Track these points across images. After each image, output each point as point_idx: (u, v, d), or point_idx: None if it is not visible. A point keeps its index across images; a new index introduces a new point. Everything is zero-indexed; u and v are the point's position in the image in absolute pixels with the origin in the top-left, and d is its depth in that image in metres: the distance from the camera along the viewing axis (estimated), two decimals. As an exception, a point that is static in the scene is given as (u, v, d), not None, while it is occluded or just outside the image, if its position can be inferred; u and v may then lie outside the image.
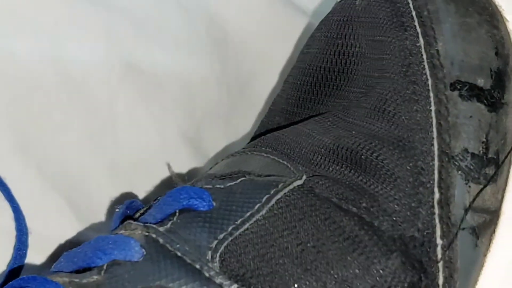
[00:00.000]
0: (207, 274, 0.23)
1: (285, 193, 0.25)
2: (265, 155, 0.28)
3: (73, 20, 0.32)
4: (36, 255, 0.29)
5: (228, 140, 0.36)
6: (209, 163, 0.35)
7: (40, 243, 0.30)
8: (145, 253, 0.24)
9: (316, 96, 0.31)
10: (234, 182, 0.26)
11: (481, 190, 0.25)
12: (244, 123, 0.36)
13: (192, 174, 0.34)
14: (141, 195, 0.33)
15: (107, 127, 0.32)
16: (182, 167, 0.34)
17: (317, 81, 0.31)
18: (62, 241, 0.30)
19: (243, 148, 0.30)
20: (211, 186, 0.26)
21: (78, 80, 0.32)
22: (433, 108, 0.26)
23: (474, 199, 0.25)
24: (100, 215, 0.32)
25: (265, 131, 0.32)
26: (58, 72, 0.31)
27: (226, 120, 0.36)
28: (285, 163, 0.27)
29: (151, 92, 0.34)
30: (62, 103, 0.31)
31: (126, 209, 0.28)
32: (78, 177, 0.31)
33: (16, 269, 0.28)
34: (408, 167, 0.25)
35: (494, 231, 0.25)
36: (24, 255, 0.29)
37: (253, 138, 0.33)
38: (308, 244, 0.24)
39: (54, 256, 0.30)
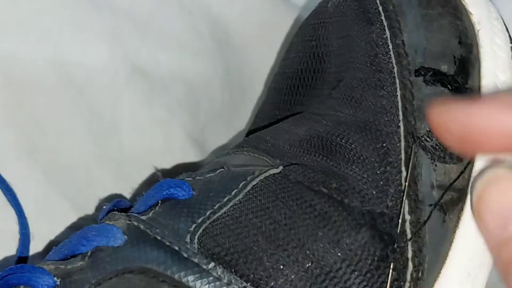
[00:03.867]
0: (185, 255, 0.24)
1: (260, 180, 0.26)
2: (246, 153, 0.29)
3: (77, 23, 0.32)
4: (40, 259, 0.29)
5: (232, 141, 0.37)
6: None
7: (44, 247, 0.30)
8: (126, 238, 0.25)
9: (294, 97, 0.32)
10: (214, 173, 0.27)
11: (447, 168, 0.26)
12: (248, 124, 0.37)
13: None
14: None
15: (112, 130, 0.33)
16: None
17: (295, 84, 0.32)
18: None
19: (227, 151, 0.31)
20: (191, 178, 0.27)
21: (83, 83, 0.32)
22: (399, 93, 0.27)
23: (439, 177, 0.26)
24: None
25: None
26: (63, 75, 0.32)
27: (230, 121, 0.37)
28: (264, 158, 0.28)
29: (155, 94, 0.34)
30: (67, 106, 0.32)
31: (114, 206, 0.29)
32: (83, 181, 0.32)
33: None
34: (375, 148, 0.26)
35: (462, 209, 0.26)
36: (25, 260, 0.29)
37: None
38: (281, 223, 0.25)
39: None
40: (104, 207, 0.29)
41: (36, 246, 0.30)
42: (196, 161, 0.35)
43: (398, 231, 0.25)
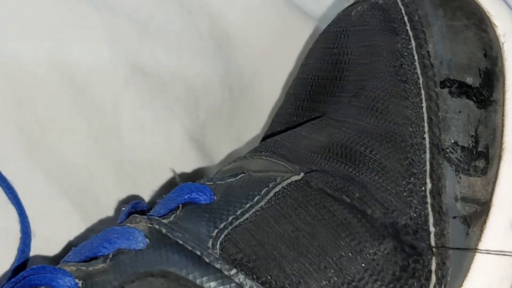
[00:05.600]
0: (207, 260, 0.24)
1: (283, 186, 0.26)
2: (264, 158, 0.29)
3: (77, 23, 0.32)
4: (42, 258, 0.30)
5: (232, 140, 0.37)
6: (214, 163, 0.36)
7: (46, 246, 0.30)
8: (148, 242, 0.25)
9: (312, 104, 0.32)
10: (235, 179, 0.27)
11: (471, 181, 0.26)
12: (248, 123, 0.37)
13: (197, 174, 0.34)
14: (146, 196, 0.33)
15: (112, 129, 0.33)
16: (187, 168, 0.34)
17: (314, 90, 0.32)
18: (69, 244, 0.31)
19: (244, 155, 0.31)
20: (212, 183, 0.27)
21: (83, 82, 0.32)
22: (424, 104, 0.27)
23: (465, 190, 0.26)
24: (106, 218, 0.32)
25: None
26: (63, 75, 0.32)
27: (230, 120, 0.37)
28: (283, 163, 0.28)
29: (156, 94, 0.34)
30: (67, 105, 0.32)
31: (132, 208, 0.29)
32: (84, 180, 0.32)
33: (18, 271, 0.28)
34: (399, 159, 0.26)
35: (485, 222, 0.26)
36: (27, 258, 0.29)
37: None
38: (303, 230, 0.25)
39: (59, 259, 0.30)
40: (123, 208, 0.29)
41: (37, 245, 0.30)
42: (201, 167, 0.35)
43: (423, 242, 0.25)
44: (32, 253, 0.30)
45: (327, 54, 0.32)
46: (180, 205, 0.26)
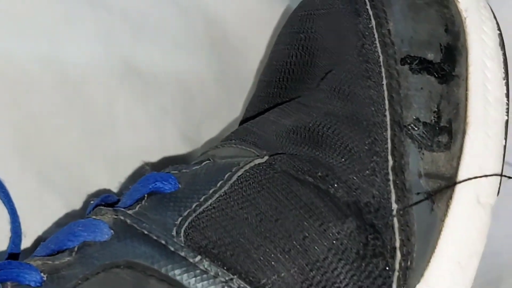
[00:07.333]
0: (172, 248, 0.24)
1: (245, 170, 0.26)
2: (234, 146, 0.29)
3: (71, 22, 0.32)
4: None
5: (222, 134, 0.36)
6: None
7: (36, 246, 0.29)
8: (113, 233, 0.25)
9: (283, 91, 0.32)
10: (199, 166, 0.27)
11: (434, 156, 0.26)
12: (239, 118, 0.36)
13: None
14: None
15: (106, 129, 0.33)
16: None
17: (284, 76, 0.32)
18: None
19: (216, 144, 0.31)
20: (177, 171, 0.27)
21: (77, 81, 0.32)
22: (384, 82, 0.27)
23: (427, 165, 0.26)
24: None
25: None
26: (57, 74, 0.31)
27: (225, 120, 0.36)
28: (251, 149, 0.28)
29: (150, 93, 0.34)
30: (61, 104, 0.31)
31: (101, 201, 0.29)
32: (77, 179, 0.32)
33: None
34: (362, 138, 0.26)
35: (451, 197, 0.26)
36: (16, 257, 0.29)
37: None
38: (267, 214, 0.25)
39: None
40: (92, 202, 0.29)
41: (27, 244, 0.30)
42: (186, 154, 0.35)
43: (385, 220, 0.25)
44: (22, 253, 0.29)
45: (294, 39, 0.32)
46: (146, 195, 0.26)
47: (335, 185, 0.25)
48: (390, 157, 0.25)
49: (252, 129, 0.29)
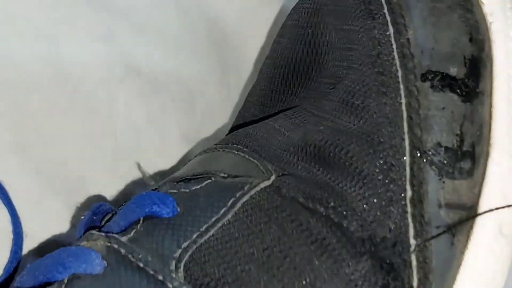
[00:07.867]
0: (170, 286, 0.22)
1: (251, 195, 0.24)
2: (236, 152, 0.27)
3: (72, 22, 0.32)
4: (34, 259, 0.29)
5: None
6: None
7: (38, 246, 0.30)
8: (106, 265, 0.23)
9: (287, 87, 0.30)
10: (200, 185, 0.25)
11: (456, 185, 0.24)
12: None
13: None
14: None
15: (107, 129, 0.32)
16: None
17: (289, 72, 0.30)
18: (60, 244, 0.30)
19: (216, 144, 0.29)
20: (176, 191, 0.25)
21: (78, 81, 0.32)
22: (403, 100, 0.24)
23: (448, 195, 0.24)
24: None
25: (242, 123, 0.31)
26: (58, 73, 0.31)
27: (226, 121, 0.36)
28: (255, 161, 0.26)
29: (151, 94, 0.34)
30: (61, 104, 0.31)
31: (93, 214, 0.27)
32: (77, 179, 0.31)
33: (11, 272, 0.28)
34: (377, 164, 0.24)
35: (471, 228, 0.24)
36: (19, 259, 0.29)
37: (231, 129, 0.32)
38: (275, 249, 0.23)
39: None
40: (82, 217, 0.27)
41: (29, 245, 0.29)
42: (186, 154, 0.35)
43: (402, 258, 0.23)
44: (24, 253, 0.29)
45: (300, 34, 0.30)
46: (141, 218, 0.24)
47: (349, 218, 0.23)
48: (408, 187, 0.23)
49: (256, 136, 0.27)
